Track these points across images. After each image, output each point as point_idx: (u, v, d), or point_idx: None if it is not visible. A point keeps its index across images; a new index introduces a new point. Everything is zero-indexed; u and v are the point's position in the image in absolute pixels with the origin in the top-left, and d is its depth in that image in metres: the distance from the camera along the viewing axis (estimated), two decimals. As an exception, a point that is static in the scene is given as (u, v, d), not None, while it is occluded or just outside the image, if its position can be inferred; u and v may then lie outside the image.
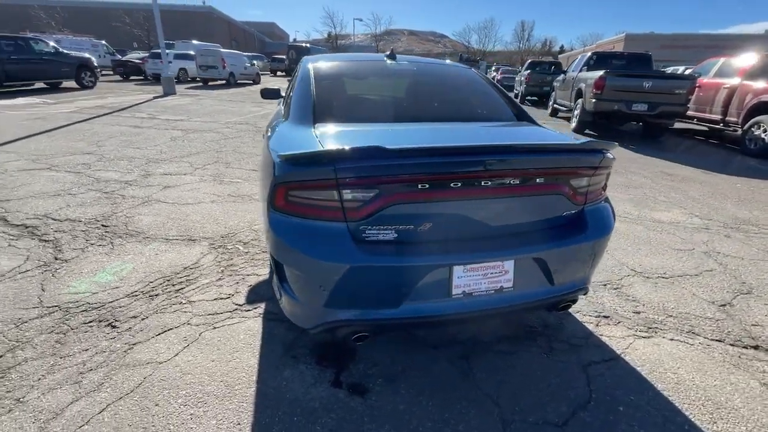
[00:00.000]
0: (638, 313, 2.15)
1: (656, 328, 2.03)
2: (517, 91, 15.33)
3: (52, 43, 12.56)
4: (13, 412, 1.42)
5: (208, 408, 1.48)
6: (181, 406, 1.48)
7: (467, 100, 2.34)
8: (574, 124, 8.27)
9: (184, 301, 2.08)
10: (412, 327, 1.74)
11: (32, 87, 12.38)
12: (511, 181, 1.40)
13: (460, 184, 1.35)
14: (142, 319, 1.93)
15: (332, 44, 55.99)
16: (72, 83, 13.03)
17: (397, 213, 1.34)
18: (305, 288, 1.42)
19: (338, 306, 1.40)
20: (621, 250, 2.90)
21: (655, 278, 2.52)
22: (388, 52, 2.52)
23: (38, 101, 9.70)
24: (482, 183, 1.36)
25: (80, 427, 1.37)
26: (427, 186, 1.32)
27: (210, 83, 18.47)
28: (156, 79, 16.56)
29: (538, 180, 1.45)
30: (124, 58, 20.58)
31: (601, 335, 1.96)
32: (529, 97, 14.36)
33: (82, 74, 13.17)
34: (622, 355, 1.82)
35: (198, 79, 18.35)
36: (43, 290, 2.12)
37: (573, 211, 1.58)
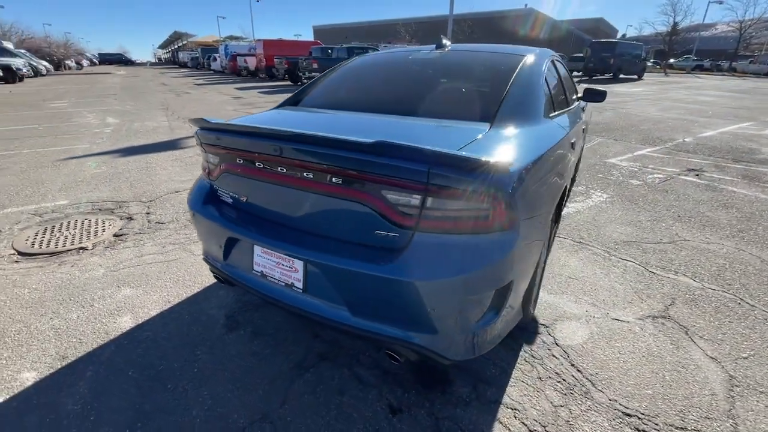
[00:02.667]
0: None
1: None
2: None
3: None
4: (130, 245, 2.69)
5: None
6: (166, 277, 2.34)
7: (450, 96, 1.93)
8: None
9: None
10: (233, 284, 1.69)
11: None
12: (306, 174, 1.31)
13: (262, 166, 1.41)
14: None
15: (668, 39, 44.85)
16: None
17: (229, 180, 1.57)
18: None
19: (205, 249, 1.79)
20: None
21: None
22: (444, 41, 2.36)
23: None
24: (279, 169, 1.36)
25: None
26: (242, 162, 1.47)
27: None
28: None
29: (334, 180, 1.26)
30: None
31: None
32: None
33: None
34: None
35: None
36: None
37: (389, 233, 1.23)
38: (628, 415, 1.50)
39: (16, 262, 2.60)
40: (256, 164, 1.43)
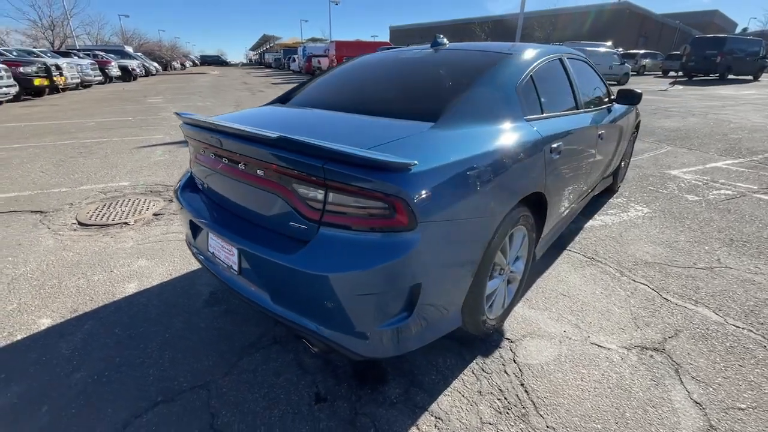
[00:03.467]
0: None
1: None
2: None
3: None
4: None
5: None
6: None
7: (412, 95, 1.88)
8: None
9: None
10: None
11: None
12: (240, 166, 1.41)
13: (213, 156, 1.55)
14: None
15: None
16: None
17: (197, 169, 1.74)
18: None
19: (185, 230, 1.99)
20: None
21: None
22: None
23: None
24: (224, 160, 1.49)
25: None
26: (202, 153, 1.63)
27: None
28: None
29: (258, 171, 1.35)
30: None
31: None
32: None
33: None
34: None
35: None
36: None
37: (299, 225, 1.28)
38: (561, 446, 1.37)
39: (74, 230, 3.11)
40: (210, 155, 1.57)
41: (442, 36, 2.37)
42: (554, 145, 1.87)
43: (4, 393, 1.58)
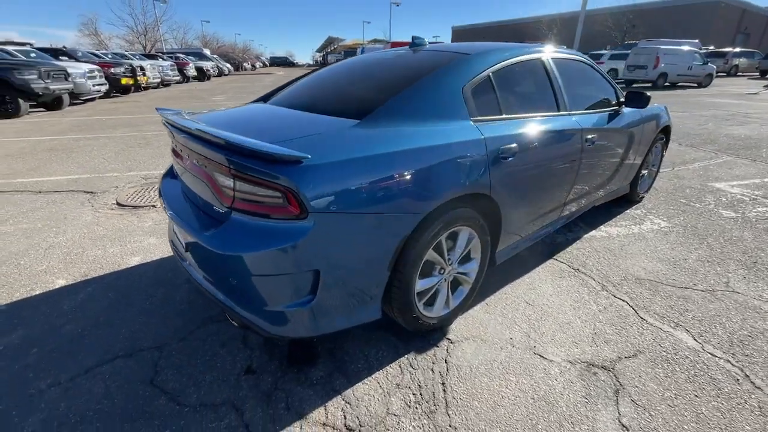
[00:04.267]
0: None
1: None
2: None
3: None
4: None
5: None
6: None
7: (356, 94, 1.95)
8: None
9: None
10: None
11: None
12: (187, 157, 1.60)
13: (175, 148, 1.76)
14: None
15: None
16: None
17: (172, 159, 1.97)
18: None
19: None
20: None
21: None
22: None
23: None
24: (180, 152, 1.69)
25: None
26: (173, 144, 1.85)
27: (634, 84, 16.84)
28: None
29: (195, 162, 1.52)
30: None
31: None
32: None
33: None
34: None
35: (623, 79, 17.19)
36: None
37: (219, 210, 1.43)
38: (456, 445, 1.38)
39: (111, 209, 3.60)
40: (175, 147, 1.79)
41: (421, 37, 2.40)
42: (505, 147, 1.82)
43: (11, 335, 1.93)
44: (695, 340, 1.89)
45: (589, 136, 2.40)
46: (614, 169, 2.88)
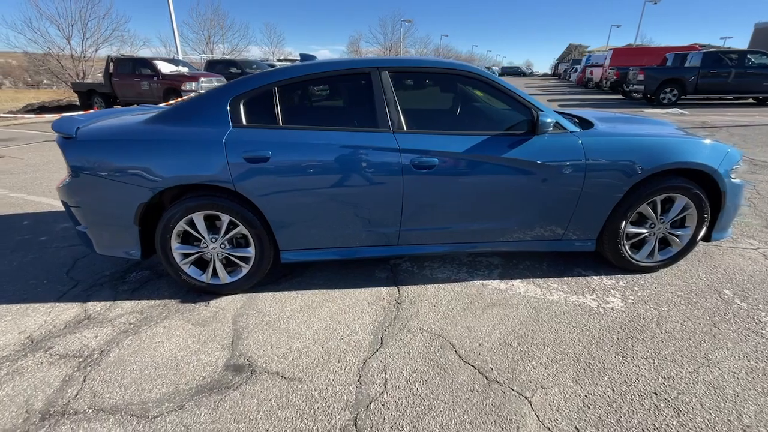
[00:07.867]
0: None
1: None
2: None
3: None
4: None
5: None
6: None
7: None
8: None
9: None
10: None
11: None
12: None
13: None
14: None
15: None
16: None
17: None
18: None
19: None
20: None
21: None
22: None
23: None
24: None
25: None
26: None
27: None
28: None
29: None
30: None
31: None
32: None
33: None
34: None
35: None
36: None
37: None
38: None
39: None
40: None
41: (312, 54, 2.59)
42: (261, 154, 1.96)
43: (24, 257, 3.44)
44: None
45: (424, 159, 2.01)
46: (510, 206, 2.14)
